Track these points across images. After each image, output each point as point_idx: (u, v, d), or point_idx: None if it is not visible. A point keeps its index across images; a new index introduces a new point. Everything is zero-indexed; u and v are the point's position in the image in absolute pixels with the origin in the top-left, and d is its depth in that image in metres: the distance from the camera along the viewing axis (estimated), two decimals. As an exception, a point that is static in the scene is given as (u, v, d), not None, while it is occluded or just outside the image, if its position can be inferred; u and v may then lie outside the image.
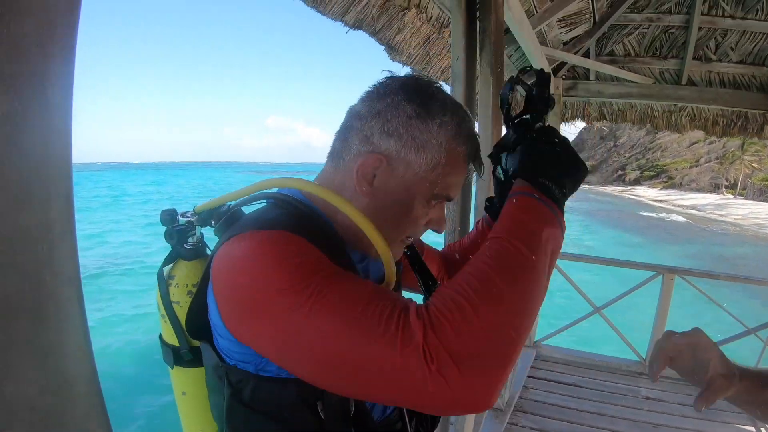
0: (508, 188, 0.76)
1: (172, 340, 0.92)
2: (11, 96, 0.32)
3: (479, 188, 1.79)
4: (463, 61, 1.74)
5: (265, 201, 0.83)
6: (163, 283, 0.92)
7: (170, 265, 0.94)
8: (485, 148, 0.85)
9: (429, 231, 0.90)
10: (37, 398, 0.36)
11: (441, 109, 0.78)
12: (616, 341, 4.33)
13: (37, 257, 0.35)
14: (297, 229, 0.67)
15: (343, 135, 0.81)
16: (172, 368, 0.94)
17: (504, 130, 0.85)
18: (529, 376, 3.97)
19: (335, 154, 0.83)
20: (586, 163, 0.77)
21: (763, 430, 2.95)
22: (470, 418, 2.13)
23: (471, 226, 1.89)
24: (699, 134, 4.78)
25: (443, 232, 1.01)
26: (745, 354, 4.20)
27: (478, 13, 1.75)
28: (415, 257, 0.98)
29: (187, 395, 0.96)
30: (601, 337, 6.09)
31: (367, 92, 0.82)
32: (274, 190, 0.85)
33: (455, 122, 0.79)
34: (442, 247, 1.28)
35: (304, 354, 0.59)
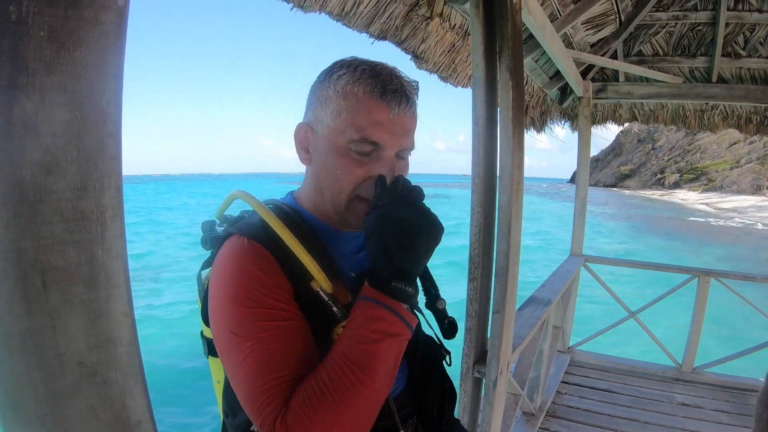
0: None
1: (209, 333, 0.99)
2: (74, 107, 0.40)
3: (502, 189, 1.81)
4: (483, 67, 1.78)
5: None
6: (201, 284, 1.02)
7: (208, 269, 1.03)
8: (507, 155, 0.87)
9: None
10: (85, 354, 0.44)
11: (339, 68, 0.85)
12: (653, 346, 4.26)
13: (92, 236, 0.43)
14: (270, 243, 0.80)
15: None
16: (207, 358, 1.04)
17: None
18: (562, 382, 3.92)
19: None
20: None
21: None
22: (497, 422, 2.14)
23: (496, 226, 1.92)
24: (738, 134, 4.64)
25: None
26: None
27: (496, 20, 1.80)
28: None
29: (221, 383, 1.05)
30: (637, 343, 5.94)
31: None
32: (277, 198, 0.99)
33: (351, 70, 0.84)
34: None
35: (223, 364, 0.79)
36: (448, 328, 0.99)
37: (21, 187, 0.39)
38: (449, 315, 1.00)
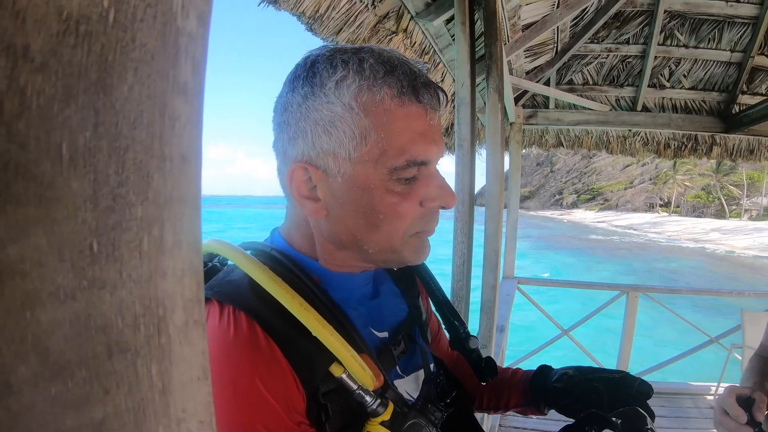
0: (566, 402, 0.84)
1: None
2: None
3: (489, 217, 1.71)
4: (468, 86, 1.70)
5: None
6: None
7: None
8: (495, 181, 0.71)
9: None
10: None
11: (328, 69, 0.57)
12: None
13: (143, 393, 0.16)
14: (266, 314, 0.56)
15: (277, 167, 0.67)
16: None
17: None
18: (507, 403, 3.91)
19: (282, 189, 0.67)
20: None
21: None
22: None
23: (477, 255, 1.83)
24: (631, 157, 5.02)
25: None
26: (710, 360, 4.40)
27: (483, 38, 1.75)
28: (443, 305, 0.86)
29: None
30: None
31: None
32: (260, 241, 0.72)
33: (354, 68, 0.57)
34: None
35: None
36: (486, 367, 0.82)
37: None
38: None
